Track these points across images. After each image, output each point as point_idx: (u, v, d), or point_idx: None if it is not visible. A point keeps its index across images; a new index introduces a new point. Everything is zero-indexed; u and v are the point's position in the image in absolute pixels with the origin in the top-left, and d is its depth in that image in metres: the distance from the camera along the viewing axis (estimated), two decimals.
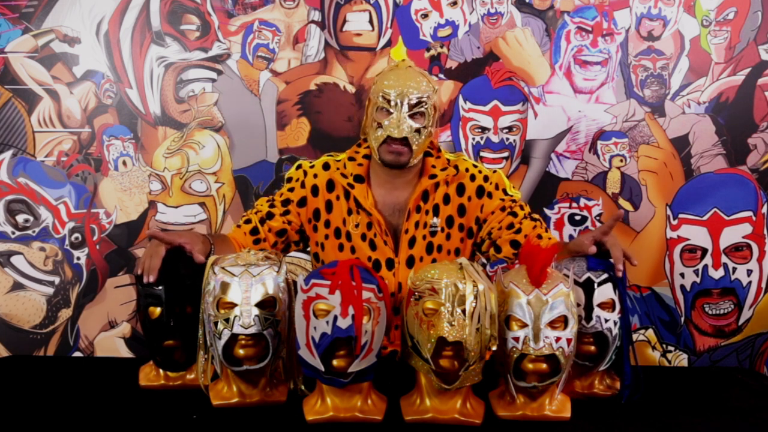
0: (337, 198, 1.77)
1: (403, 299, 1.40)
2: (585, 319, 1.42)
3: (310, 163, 1.83)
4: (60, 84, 2.55)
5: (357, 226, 1.74)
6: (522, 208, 1.77)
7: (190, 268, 1.49)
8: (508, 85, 2.54)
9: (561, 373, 1.33)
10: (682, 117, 2.55)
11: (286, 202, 1.79)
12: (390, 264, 1.75)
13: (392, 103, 1.64)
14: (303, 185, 1.79)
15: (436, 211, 1.75)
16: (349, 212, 1.76)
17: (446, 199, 1.75)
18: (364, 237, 1.75)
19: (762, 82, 2.53)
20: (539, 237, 1.69)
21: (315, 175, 1.79)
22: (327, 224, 1.78)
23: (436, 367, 1.28)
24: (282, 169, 2.55)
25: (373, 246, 1.75)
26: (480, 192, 1.76)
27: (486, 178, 1.77)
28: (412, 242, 1.75)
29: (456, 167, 1.77)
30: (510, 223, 1.73)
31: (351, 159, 1.78)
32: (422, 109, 1.65)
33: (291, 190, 1.80)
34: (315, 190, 1.78)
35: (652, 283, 2.60)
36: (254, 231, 1.75)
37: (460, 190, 1.76)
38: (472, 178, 1.77)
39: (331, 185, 1.78)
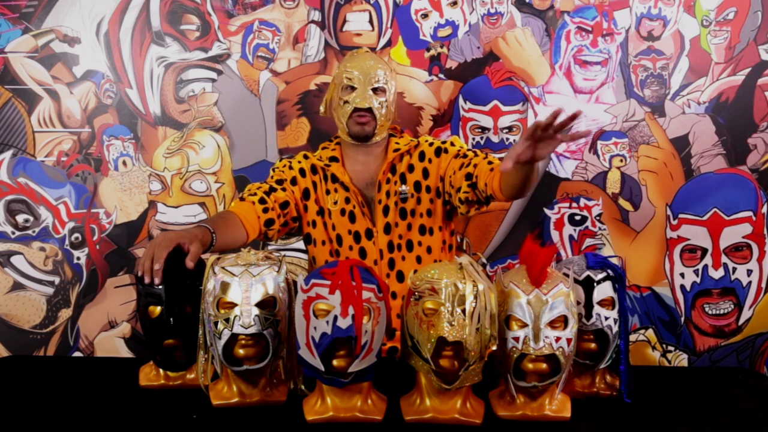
0: (320, 180, 1.95)
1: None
2: (585, 317, 1.42)
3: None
4: (60, 84, 2.55)
5: (336, 203, 1.91)
6: (476, 154, 1.86)
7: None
8: (508, 85, 2.54)
9: (561, 373, 1.33)
10: (682, 117, 2.55)
11: (280, 181, 1.94)
12: (369, 234, 1.91)
13: (355, 80, 1.85)
14: (291, 167, 1.97)
15: (403, 180, 1.92)
16: (327, 192, 1.93)
17: (411, 168, 1.93)
18: (343, 212, 1.91)
19: (762, 82, 2.53)
20: (490, 164, 1.78)
21: (299, 161, 1.98)
22: (316, 202, 1.94)
23: (436, 367, 1.28)
24: None
25: (352, 218, 1.91)
26: (438, 152, 1.93)
27: (443, 142, 1.96)
28: (386, 211, 1.90)
29: (417, 143, 1.96)
30: (461, 163, 1.86)
31: (324, 148, 2.00)
32: (382, 85, 1.86)
33: (282, 172, 1.96)
34: (302, 172, 1.96)
35: (652, 283, 2.60)
36: (262, 200, 1.86)
37: (422, 156, 1.94)
38: (431, 144, 1.96)
39: (313, 169, 1.96)
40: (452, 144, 1.95)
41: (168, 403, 1.48)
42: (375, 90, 1.85)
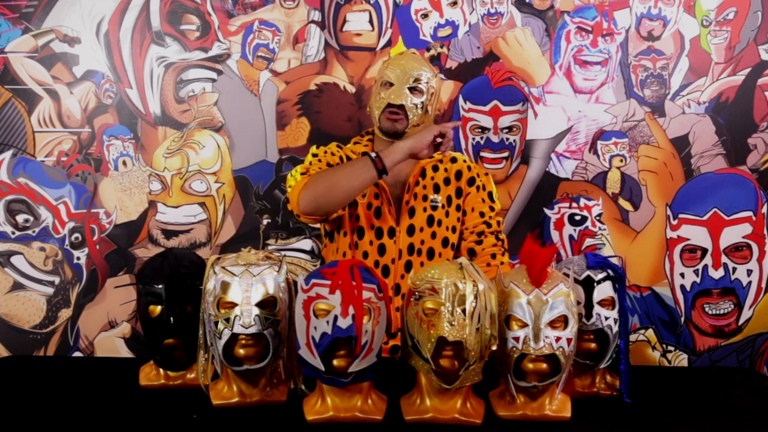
0: None
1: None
2: (585, 317, 1.43)
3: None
4: (60, 84, 2.55)
5: (364, 195, 1.89)
6: (498, 223, 1.95)
7: (190, 267, 1.50)
8: (508, 85, 2.54)
9: (561, 373, 1.33)
10: (682, 117, 2.55)
11: (329, 165, 1.89)
12: (391, 232, 1.90)
13: (393, 78, 1.85)
14: (333, 154, 1.94)
15: (437, 190, 1.93)
16: None
17: (446, 181, 1.94)
18: (369, 206, 1.91)
19: (762, 82, 2.53)
20: (493, 256, 1.89)
21: (334, 153, 1.95)
22: None
23: (436, 366, 1.28)
24: (282, 169, 2.56)
25: (378, 214, 1.90)
26: (471, 182, 1.95)
27: (478, 175, 1.97)
28: (411, 212, 1.90)
29: (454, 158, 1.97)
30: (480, 231, 1.92)
31: (356, 143, 2.00)
32: (420, 85, 1.85)
33: (332, 155, 1.91)
34: (341, 160, 1.94)
35: (652, 283, 2.60)
36: None
37: (458, 175, 1.95)
38: (468, 168, 1.97)
39: (348, 159, 1.94)
40: (484, 187, 1.94)
41: (168, 403, 1.48)
42: (412, 89, 1.84)
